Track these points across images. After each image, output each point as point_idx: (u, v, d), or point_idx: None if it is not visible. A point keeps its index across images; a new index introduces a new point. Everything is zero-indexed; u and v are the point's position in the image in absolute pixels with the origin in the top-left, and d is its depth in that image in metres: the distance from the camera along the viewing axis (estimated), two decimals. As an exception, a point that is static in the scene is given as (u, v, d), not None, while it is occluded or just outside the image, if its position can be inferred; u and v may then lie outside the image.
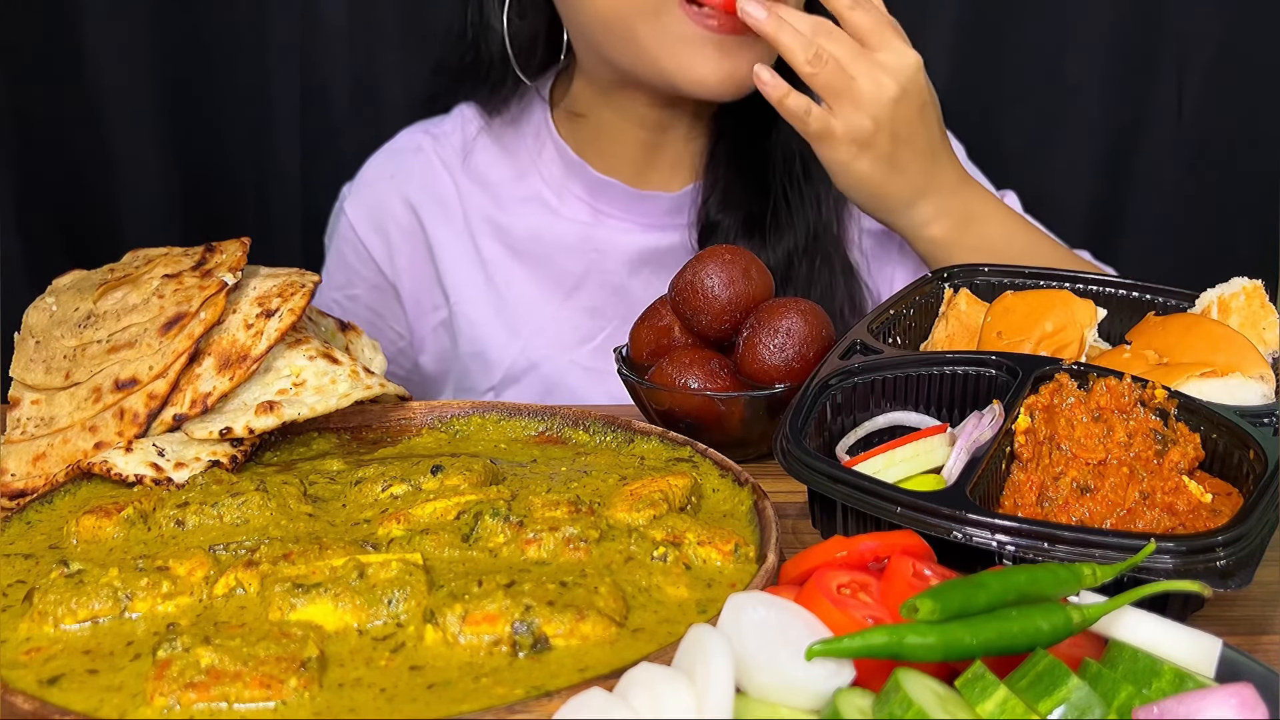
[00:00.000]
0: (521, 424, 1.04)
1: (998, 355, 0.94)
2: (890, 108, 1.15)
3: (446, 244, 1.41)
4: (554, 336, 1.39)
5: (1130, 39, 1.64)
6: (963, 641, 0.60)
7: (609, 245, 1.38)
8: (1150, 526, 0.78)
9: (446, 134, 1.44)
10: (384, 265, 1.43)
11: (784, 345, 1.01)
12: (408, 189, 1.42)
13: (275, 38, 1.63)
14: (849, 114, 1.15)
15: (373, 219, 1.43)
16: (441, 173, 1.42)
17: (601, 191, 1.38)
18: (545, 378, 1.38)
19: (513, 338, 1.39)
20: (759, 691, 0.61)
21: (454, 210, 1.41)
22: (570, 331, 1.39)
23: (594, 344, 1.39)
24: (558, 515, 0.82)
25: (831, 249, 1.35)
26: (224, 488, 0.88)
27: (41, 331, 1.03)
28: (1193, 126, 1.67)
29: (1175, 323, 0.99)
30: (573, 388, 1.37)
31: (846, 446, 0.94)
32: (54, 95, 1.62)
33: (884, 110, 1.15)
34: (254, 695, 0.65)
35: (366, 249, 1.43)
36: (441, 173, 1.42)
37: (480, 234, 1.41)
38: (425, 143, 1.44)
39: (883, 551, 0.70)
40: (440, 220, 1.41)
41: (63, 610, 0.74)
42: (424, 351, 1.46)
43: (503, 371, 1.39)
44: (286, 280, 1.03)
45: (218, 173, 1.69)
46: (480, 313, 1.40)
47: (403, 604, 0.73)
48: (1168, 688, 0.60)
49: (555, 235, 1.39)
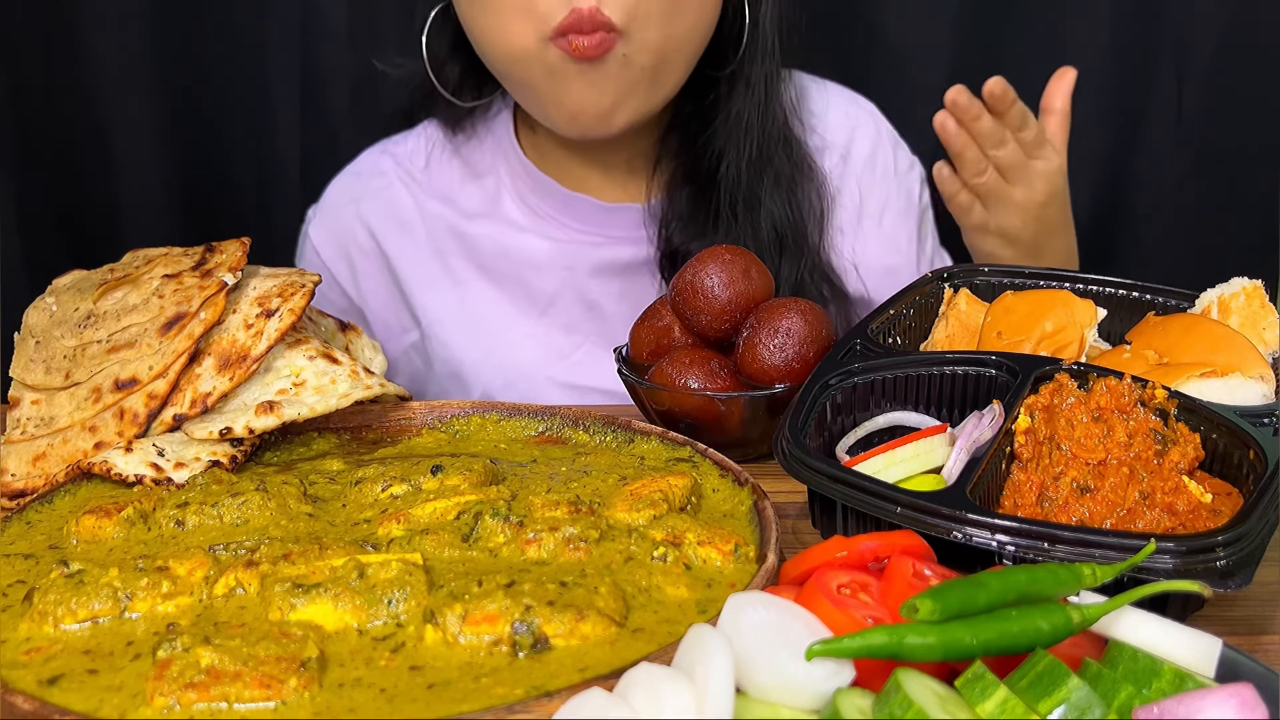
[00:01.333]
0: (521, 424, 1.05)
1: (998, 355, 0.94)
2: (1038, 210, 1.29)
3: (412, 266, 1.39)
4: (529, 354, 1.37)
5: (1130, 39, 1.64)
6: (963, 641, 0.60)
7: (580, 260, 1.36)
8: (1150, 526, 0.78)
9: (409, 153, 1.42)
10: (349, 289, 1.42)
11: (784, 345, 1.01)
12: (368, 212, 1.40)
13: (275, 38, 1.63)
14: (1001, 215, 1.29)
15: (336, 243, 1.42)
16: (403, 193, 1.40)
17: (569, 206, 1.36)
18: (523, 396, 1.36)
19: (487, 357, 1.38)
20: (759, 691, 0.61)
21: (418, 231, 1.40)
22: (545, 348, 1.37)
23: (571, 360, 1.37)
24: (558, 515, 0.82)
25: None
26: (224, 488, 0.88)
27: (41, 331, 1.03)
28: (1193, 126, 1.67)
29: (1175, 323, 0.99)
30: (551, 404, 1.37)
31: (846, 446, 0.94)
32: (54, 95, 1.61)
33: (1032, 213, 1.29)
34: (254, 695, 0.65)
35: (331, 273, 1.42)
36: (403, 193, 1.40)
37: (448, 253, 1.39)
38: (386, 163, 1.42)
39: (883, 551, 0.70)
40: (404, 243, 1.40)
41: (63, 610, 0.74)
42: (396, 375, 1.44)
43: (479, 391, 1.38)
44: (286, 280, 1.03)
45: (218, 173, 1.69)
46: (453, 334, 1.38)
47: (403, 604, 0.73)
48: (1168, 688, 0.59)
49: (525, 252, 1.37)
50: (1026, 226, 1.30)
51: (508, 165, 1.39)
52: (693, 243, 1.31)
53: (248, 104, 1.66)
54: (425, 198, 1.40)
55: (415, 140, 1.44)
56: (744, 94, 1.30)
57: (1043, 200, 1.28)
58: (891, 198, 1.43)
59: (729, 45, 1.30)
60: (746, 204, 1.31)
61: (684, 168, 1.33)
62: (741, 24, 1.29)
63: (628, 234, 1.36)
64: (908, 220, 1.44)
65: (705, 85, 1.31)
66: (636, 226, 1.36)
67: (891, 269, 1.40)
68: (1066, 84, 1.29)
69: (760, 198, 1.32)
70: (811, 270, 1.34)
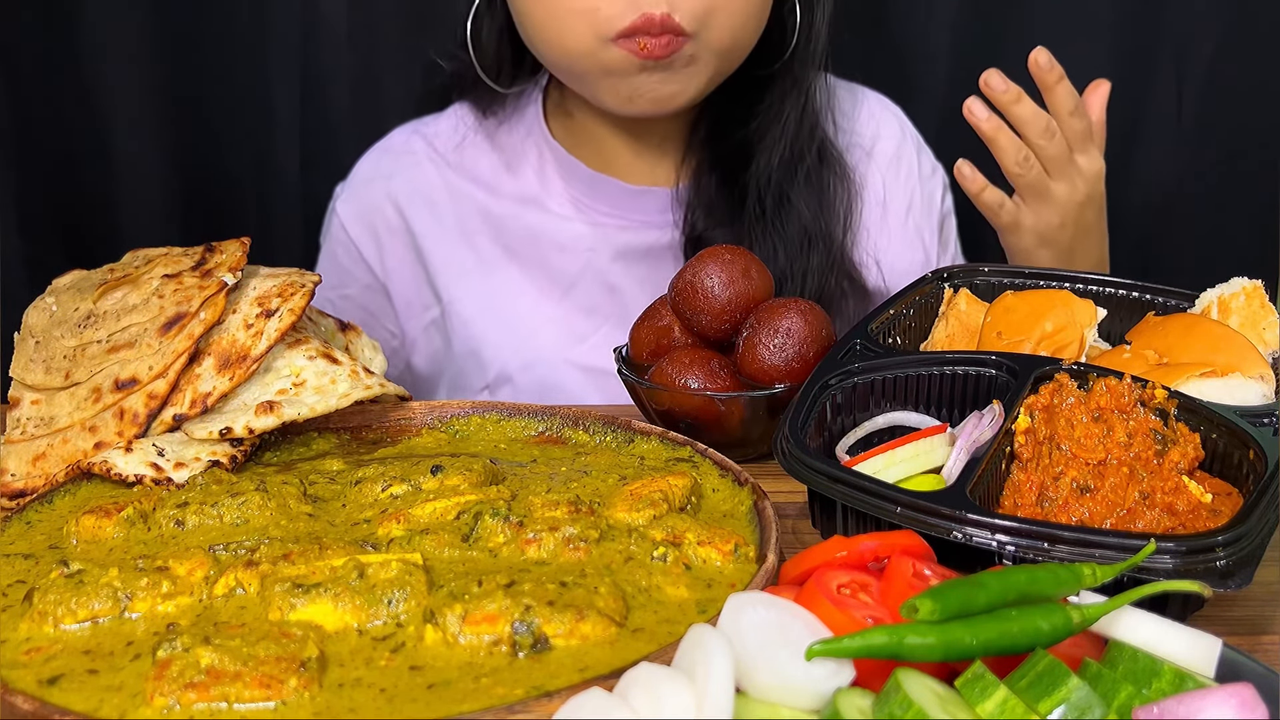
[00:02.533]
0: (521, 424, 1.05)
1: (998, 355, 0.94)
2: (1077, 210, 1.23)
3: (437, 244, 1.41)
4: (549, 336, 1.39)
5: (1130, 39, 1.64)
6: (963, 641, 0.60)
7: (604, 243, 1.38)
8: (1150, 526, 0.78)
9: (439, 133, 1.44)
10: (375, 266, 1.43)
11: (784, 345, 1.01)
12: (397, 189, 1.42)
13: (275, 38, 1.63)
14: (1040, 211, 1.23)
15: (363, 219, 1.43)
16: (432, 172, 1.42)
17: (595, 189, 1.38)
18: (540, 377, 1.37)
19: (507, 336, 1.39)
20: (759, 691, 0.61)
21: (445, 210, 1.41)
22: (566, 331, 1.39)
23: (589, 343, 1.38)
24: (558, 515, 0.82)
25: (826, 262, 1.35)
26: (224, 488, 0.88)
27: (41, 331, 1.03)
28: (1193, 126, 1.67)
29: (1175, 323, 0.99)
30: (568, 387, 1.37)
31: (846, 446, 0.94)
32: (54, 95, 1.61)
33: (1071, 211, 1.23)
34: (254, 695, 0.65)
35: (358, 249, 1.43)
36: (432, 172, 1.42)
37: (474, 233, 1.40)
38: (416, 143, 1.44)
39: (883, 551, 0.70)
40: (430, 220, 1.41)
41: (63, 610, 0.74)
42: (416, 352, 1.46)
43: (496, 370, 1.39)
44: (286, 280, 1.03)
45: (218, 173, 1.69)
46: (474, 312, 1.40)
47: (403, 604, 0.73)
48: (1168, 688, 0.59)
49: (549, 234, 1.39)
50: (1065, 227, 1.24)
51: (536, 148, 1.40)
52: (716, 229, 1.32)
53: (248, 104, 1.66)
54: (454, 177, 1.41)
55: (446, 121, 1.45)
56: (789, 93, 1.31)
57: (1083, 200, 1.23)
58: (915, 199, 1.43)
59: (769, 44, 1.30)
60: (776, 200, 1.32)
61: (714, 155, 1.34)
62: (782, 24, 1.30)
63: (652, 218, 1.37)
64: (929, 222, 1.44)
65: (740, 79, 1.31)
66: (662, 211, 1.37)
67: (912, 267, 1.41)
68: (1102, 95, 1.25)
69: (790, 196, 1.32)
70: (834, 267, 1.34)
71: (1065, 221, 1.23)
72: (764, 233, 1.31)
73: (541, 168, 1.40)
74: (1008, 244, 1.28)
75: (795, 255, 1.32)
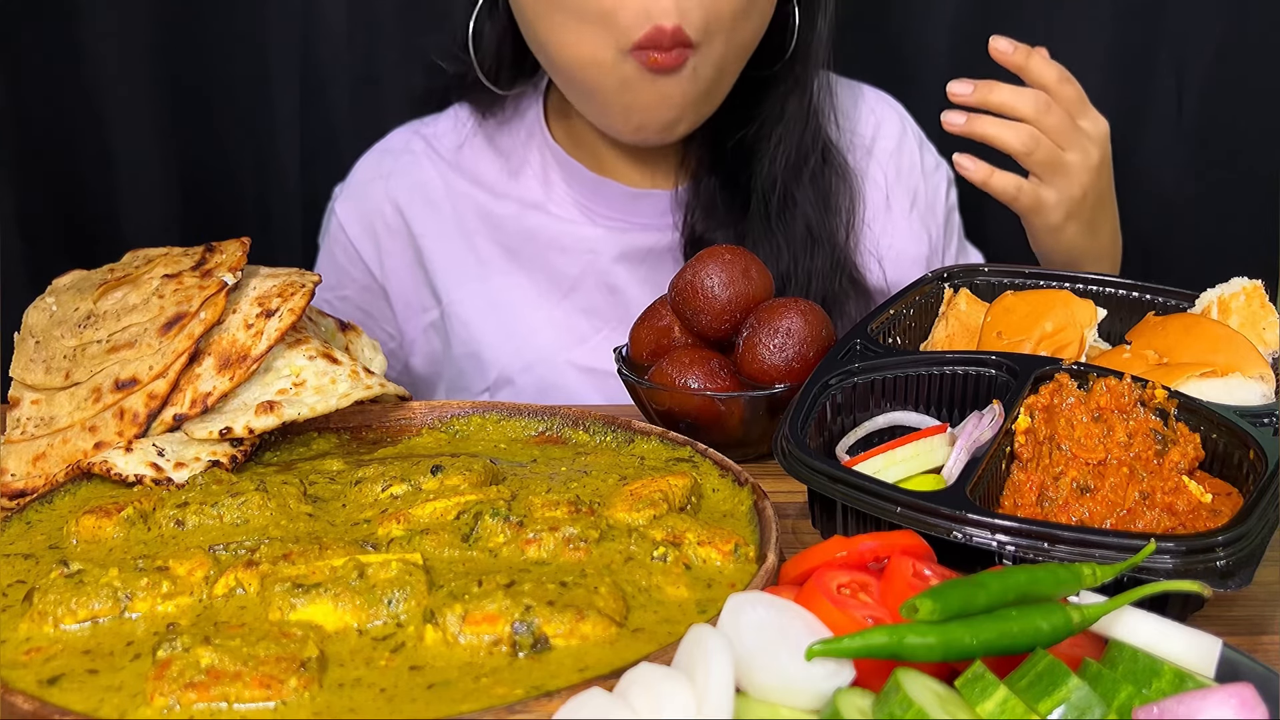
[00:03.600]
0: (521, 424, 1.05)
1: (998, 355, 0.94)
2: (1094, 174, 1.21)
3: (437, 245, 1.40)
4: (549, 337, 1.39)
5: (1129, 39, 1.64)
6: (963, 641, 0.60)
7: (604, 245, 1.38)
8: (1150, 526, 0.78)
9: (439, 134, 1.44)
10: (373, 266, 1.43)
11: (784, 345, 1.01)
12: (397, 190, 1.42)
13: (275, 38, 1.63)
14: (1062, 185, 1.20)
15: (362, 220, 1.43)
16: (432, 173, 1.42)
17: (595, 191, 1.38)
18: (540, 378, 1.37)
19: (507, 338, 1.39)
20: (759, 691, 0.61)
21: (445, 211, 1.41)
22: (566, 332, 1.38)
23: (590, 344, 1.38)
24: (558, 515, 0.82)
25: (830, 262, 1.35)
26: (224, 488, 0.88)
27: (41, 331, 1.03)
28: (1193, 126, 1.67)
29: (1175, 323, 0.99)
30: (568, 388, 1.37)
31: (846, 446, 0.94)
32: (54, 95, 1.61)
33: (1089, 177, 1.20)
34: (254, 695, 0.65)
35: (356, 250, 1.43)
36: (432, 173, 1.42)
37: (474, 234, 1.40)
38: (416, 143, 1.44)
39: (883, 551, 0.70)
40: (430, 221, 1.41)
41: (63, 610, 0.74)
42: (414, 353, 1.45)
43: (497, 372, 1.39)
44: (286, 280, 1.03)
45: (218, 172, 1.69)
46: (473, 314, 1.39)
47: (403, 604, 0.73)
48: (1168, 688, 0.60)
49: (550, 235, 1.39)
50: (1087, 196, 1.21)
51: (537, 150, 1.40)
52: (718, 231, 1.31)
53: (248, 104, 1.66)
54: (454, 178, 1.41)
55: (446, 122, 1.45)
56: (791, 94, 1.31)
57: (1097, 163, 1.20)
58: (918, 194, 1.43)
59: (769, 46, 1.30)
60: (780, 201, 1.32)
61: (713, 157, 1.34)
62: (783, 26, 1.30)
63: (653, 220, 1.37)
64: (933, 217, 1.44)
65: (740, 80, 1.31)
66: (662, 213, 1.37)
67: (915, 262, 1.41)
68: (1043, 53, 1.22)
69: (794, 196, 1.32)
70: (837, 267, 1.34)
71: (1086, 189, 1.21)
72: (768, 234, 1.31)
73: (543, 170, 1.40)
74: (1032, 226, 1.25)
75: (800, 256, 1.32)
